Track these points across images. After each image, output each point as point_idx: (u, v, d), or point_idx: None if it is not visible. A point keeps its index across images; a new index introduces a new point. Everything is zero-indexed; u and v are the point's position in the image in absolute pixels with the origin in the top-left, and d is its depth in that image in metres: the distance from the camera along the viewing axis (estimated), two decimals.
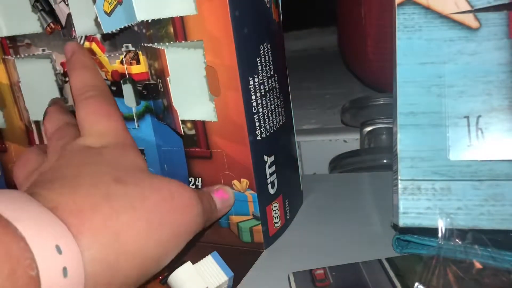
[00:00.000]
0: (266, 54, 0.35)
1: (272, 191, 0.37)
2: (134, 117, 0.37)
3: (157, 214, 0.27)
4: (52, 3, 0.37)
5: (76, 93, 0.34)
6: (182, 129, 0.36)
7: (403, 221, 0.31)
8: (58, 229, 0.22)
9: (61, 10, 0.37)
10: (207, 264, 0.30)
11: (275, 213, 0.37)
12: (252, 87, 0.33)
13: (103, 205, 0.25)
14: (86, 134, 0.32)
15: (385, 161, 0.53)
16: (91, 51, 0.37)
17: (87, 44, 0.37)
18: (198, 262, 0.30)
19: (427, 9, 0.30)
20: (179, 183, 0.30)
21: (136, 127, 0.37)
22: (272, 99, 0.36)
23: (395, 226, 0.32)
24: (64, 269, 0.21)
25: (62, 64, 0.39)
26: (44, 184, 0.26)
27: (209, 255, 0.31)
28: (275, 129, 0.36)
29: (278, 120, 0.37)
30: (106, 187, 0.26)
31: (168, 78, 0.35)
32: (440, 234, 0.30)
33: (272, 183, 0.37)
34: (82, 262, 0.23)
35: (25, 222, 0.21)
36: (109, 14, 0.34)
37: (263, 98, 0.35)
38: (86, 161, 0.29)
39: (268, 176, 0.36)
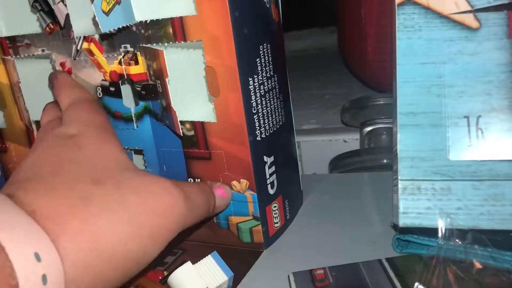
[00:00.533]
0: (266, 54, 0.35)
1: (271, 192, 0.37)
2: (133, 118, 0.37)
3: (136, 217, 0.27)
4: (51, 4, 0.37)
5: (64, 107, 0.35)
6: (181, 130, 0.36)
7: (403, 221, 0.31)
8: (37, 236, 0.22)
9: (60, 11, 0.37)
10: (207, 264, 0.30)
11: (274, 213, 0.37)
12: (252, 87, 0.33)
13: (81, 209, 0.25)
14: (68, 122, 0.32)
15: (385, 161, 0.53)
16: (90, 52, 0.37)
17: (85, 44, 0.37)
18: (198, 262, 0.30)
19: (427, 9, 0.30)
20: (162, 183, 0.29)
21: (135, 127, 0.37)
22: (272, 99, 0.36)
23: (395, 226, 0.32)
24: (44, 276, 0.21)
25: (61, 64, 0.39)
26: (22, 184, 0.26)
27: (209, 255, 0.31)
28: (274, 129, 0.36)
29: (278, 120, 0.37)
30: (84, 189, 0.26)
31: (166, 79, 0.34)
32: (440, 234, 0.30)
33: (272, 183, 0.37)
34: (62, 267, 0.23)
35: (5, 230, 0.21)
36: (107, 13, 0.34)
37: (263, 98, 0.35)
38: (64, 156, 0.29)
39: (267, 176, 0.36)
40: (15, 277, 0.20)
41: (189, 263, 0.30)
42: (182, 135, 0.36)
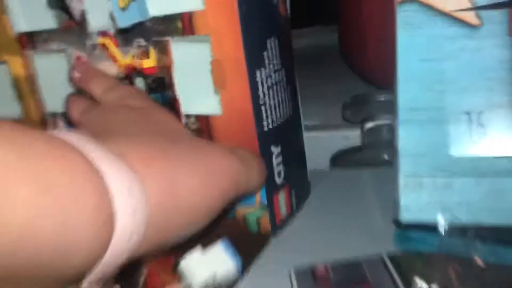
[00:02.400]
0: (273, 48, 0.35)
1: (278, 181, 0.37)
2: None
3: (207, 174, 0.28)
4: (67, 0, 0.38)
5: (98, 96, 0.36)
6: (184, 122, 0.36)
7: (404, 217, 0.31)
8: (129, 172, 0.23)
9: (75, 7, 0.38)
10: (216, 252, 0.31)
11: (281, 203, 0.38)
12: (259, 80, 0.34)
13: (161, 157, 0.26)
14: (122, 97, 0.34)
15: (386, 157, 0.53)
16: (105, 46, 0.38)
17: (101, 39, 0.38)
18: (208, 249, 0.31)
19: (428, 6, 0.30)
20: (223, 149, 0.31)
21: None
22: (279, 92, 0.36)
23: (396, 222, 0.32)
24: (134, 210, 0.22)
25: (77, 58, 0.40)
26: (104, 134, 0.27)
27: (219, 243, 0.31)
28: (282, 120, 0.37)
29: (285, 112, 0.37)
30: (161, 144, 0.28)
31: (173, 71, 0.35)
32: (441, 230, 0.30)
33: (279, 172, 0.37)
34: (146, 205, 0.23)
35: (104, 162, 0.22)
36: (123, 9, 0.35)
37: (270, 90, 0.35)
38: (138, 119, 0.31)
39: (275, 165, 0.36)
40: (113, 206, 0.21)
41: (198, 250, 0.30)
42: (187, 128, 0.37)
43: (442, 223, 0.30)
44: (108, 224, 0.21)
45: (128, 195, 0.22)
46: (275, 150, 0.36)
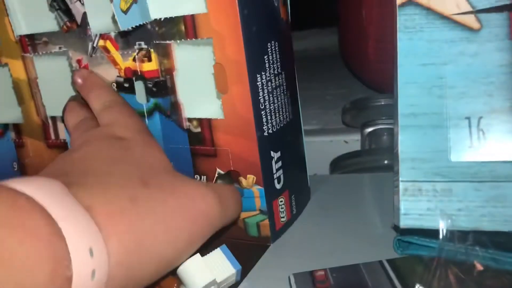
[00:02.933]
0: (274, 52, 0.35)
1: (278, 186, 0.37)
2: (145, 114, 0.38)
3: (175, 220, 0.28)
4: (68, 3, 0.38)
5: (96, 110, 0.36)
6: (187, 126, 0.37)
7: (404, 222, 0.31)
8: (92, 231, 0.23)
9: (76, 9, 0.38)
10: (215, 257, 0.31)
11: (281, 208, 0.38)
12: (259, 84, 0.34)
13: (130, 209, 0.26)
14: (112, 125, 0.33)
15: (386, 162, 0.53)
16: (105, 49, 0.38)
17: (101, 42, 0.38)
18: (207, 254, 0.31)
19: (428, 10, 0.30)
20: (199, 188, 0.30)
21: (146, 123, 0.38)
22: (279, 96, 0.36)
23: (396, 227, 0.32)
24: (93, 271, 0.22)
25: (78, 61, 0.40)
26: (76, 178, 0.27)
27: (218, 248, 0.31)
28: (282, 125, 0.37)
29: (285, 117, 0.37)
30: (133, 190, 0.27)
31: (174, 73, 0.35)
32: (441, 236, 0.30)
33: (279, 178, 0.37)
34: (108, 265, 0.23)
35: (67, 222, 0.22)
36: (125, 12, 0.35)
37: (270, 95, 0.35)
38: (114, 155, 0.30)
39: (274, 171, 0.36)
40: (71, 269, 0.21)
41: (198, 255, 0.30)
42: (188, 131, 0.37)
43: (441, 228, 0.30)
44: (64, 287, 0.21)
45: (88, 256, 0.22)
46: (275, 155, 0.36)
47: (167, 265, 0.28)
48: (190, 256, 0.30)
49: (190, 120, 0.36)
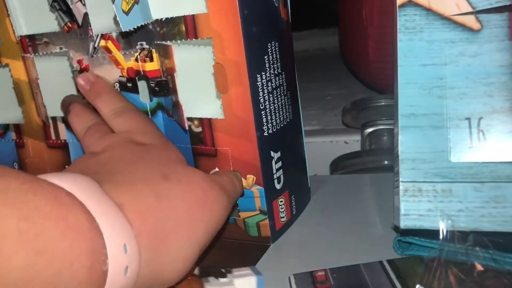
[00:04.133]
0: (274, 52, 0.35)
1: (278, 186, 0.37)
2: (148, 113, 0.38)
3: (194, 213, 0.29)
4: (69, 3, 0.38)
5: (106, 116, 0.36)
6: (187, 125, 0.37)
7: (404, 223, 0.31)
8: (126, 228, 0.24)
9: (77, 10, 0.38)
10: (247, 283, 0.31)
11: (281, 208, 0.38)
12: (260, 84, 0.34)
13: (156, 207, 0.27)
14: (129, 131, 0.34)
15: (386, 162, 0.53)
16: (107, 49, 0.38)
17: (103, 42, 0.38)
18: (237, 276, 0.31)
19: (428, 10, 0.30)
20: (207, 179, 0.31)
21: None
22: (279, 96, 0.36)
23: (396, 228, 0.32)
24: (126, 268, 0.23)
25: (78, 61, 0.40)
26: (106, 176, 0.27)
27: (251, 275, 0.31)
28: (282, 125, 0.37)
29: (285, 117, 0.37)
30: (156, 185, 0.28)
31: (175, 74, 0.35)
32: (441, 236, 0.30)
33: (278, 178, 0.37)
34: (139, 262, 0.24)
35: (104, 218, 0.22)
36: (127, 13, 0.35)
37: (271, 95, 0.35)
38: (136, 156, 0.31)
39: (274, 171, 0.36)
40: (107, 264, 0.22)
41: (228, 276, 0.30)
42: (190, 131, 0.37)
43: (442, 228, 0.30)
44: (100, 281, 0.22)
45: (122, 252, 0.23)
46: (275, 155, 0.36)
47: (189, 262, 0.28)
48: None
49: (191, 119, 0.36)
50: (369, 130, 0.61)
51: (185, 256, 0.28)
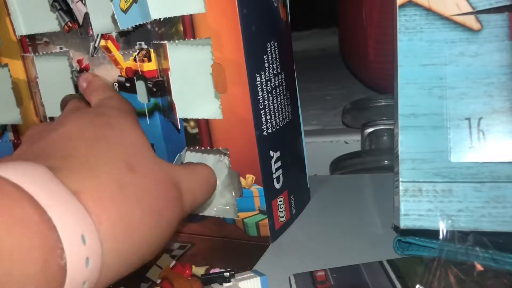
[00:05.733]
0: (273, 52, 0.35)
1: (277, 186, 0.37)
2: (146, 114, 0.38)
3: (158, 205, 0.28)
4: (70, 3, 0.38)
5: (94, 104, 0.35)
6: (182, 126, 0.37)
7: (404, 223, 0.31)
8: (83, 218, 0.23)
9: (78, 9, 0.38)
10: (251, 286, 0.31)
11: (280, 208, 0.38)
12: (259, 83, 0.34)
13: (119, 196, 0.26)
14: (97, 105, 0.33)
15: (386, 162, 0.53)
16: (107, 49, 0.38)
17: (103, 42, 0.38)
18: (245, 279, 0.31)
19: (428, 10, 0.30)
20: (171, 177, 0.30)
21: (147, 123, 0.38)
22: (278, 96, 0.36)
23: (396, 228, 0.32)
24: (87, 259, 0.22)
25: (78, 61, 0.40)
26: (60, 161, 0.26)
27: (256, 277, 0.31)
28: (281, 125, 0.37)
29: (284, 117, 0.37)
30: (120, 176, 0.27)
31: (169, 74, 0.35)
32: (441, 236, 0.30)
33: (278, 178, 0.37)
34: (101, 252, 0.23)
35: (57, 209, 0.21)
36: (125, 11, 0.35)
37: (270, 95, 0.35)
38: (97, 134, 0.29)
39: (273, 171, 0.36)
40: (64, 258, 0.21)
41: (232, 280, 0.30)
42: (185, 132, 0.37)
43: (442, 229, 0.30)
44: (58, 277, 0.20)
45: (80, 244, 0.22)
46: (274, 154, 0.36)
47: (153, 251, 0.28)
48: None
49: (186, 120, 0.36)
50: (369, 130, 0.61)
51: (149, 245, 0.27)
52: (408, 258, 0.32)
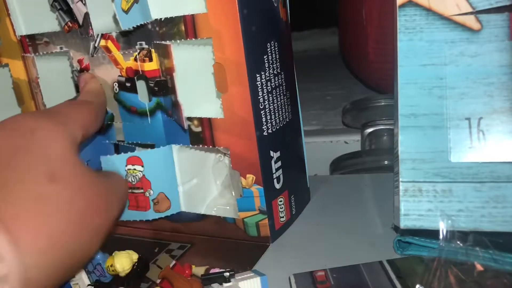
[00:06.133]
0: (273, 52, 0.35)
1: (277, 186, 0.37)
2: (148, 113, 0.38)
3: (84, 217, 0.28)
4: (70, 3, 0.38)
5: None
6: (187, 125, 0.37)
7: (404, 223, 0.31)
8: (0, 238, 0.23)
9: (78, 9, 0.38)
10: (252, 286, 0.31)
11: (280, 208, 0.38)
12: (259, 83, 0.34)
13: (37, 209, 0.25)
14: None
15: (386, 162, 0.53)
16: (107, 49, 0.38)
17: (103, 42, 0.38)
18: (245, 279, 0.31)
19: (428, 10, 0.30)
20: (97, 179, 0.30)
21: (149, 122, 0.38)
22: (278, 96, 0.36)
23: (396, 228, 0.32)
24: (6, 276, 0.22)
25: (78, 61, 0.40)
26: None
27: (256, 277, 0.31)
28: (281, 125, 0.37)
29: (284, 117, 0.37)
30: (38, 187, 0.26)
31: (174, 74, 0.36)
32: (441, 236, 0.30)
33: (278, 178, 0.37)
34: (23, 267, 0.23)
35: None
36: (126, 11, 0.35)
37: (270, 95, 0.35)
38: (17, 143, 0.27)
39: (273, 171, 0.36)
40: None
41: (232, 279, 0.30)
42: (189, 131, 0.37)
43: (442, 228, 0.30)
44: None
45: None
46: (274, 154, 0.36)
47: (81, 261, 0.28)
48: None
49: (190, 119, 0.37)
50: (369, 130, 0.61)
51: (74, 256, 0.27)
52: (408, 258, 0.32)
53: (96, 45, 0.38)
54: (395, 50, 0.31)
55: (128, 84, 0.38)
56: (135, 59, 0.37)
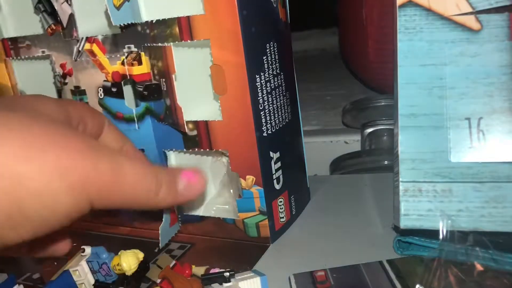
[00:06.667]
0: (273, 53, 0.35)
1: (277, 187, 0.37)
2: (135, 119, 0.37)
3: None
4: (54, 3, 0.37)
5: None
6: (188, 129, 0.36)
7: (404, 223, 0.31)
8: None
9: (63, 10, 0.37)
10: (252, 286, 0.31)
11: (280, 208, 0.38)
12: (258, 84, 0.34)
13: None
14: None
15: (386, 162, 0.53)
16: (92, 53, 0.37)
17: (87, 45, 0.37)
18: (245, 279, 0.31)
19: (428, 10, 0.30)
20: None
21: (137, 128, 0.38)
22: (278, 97, 0.36)
23: (396, 228, 0.32)
24: None
25: (61, 65, 0.39)
26: None
27: (256, 277, 0.31)
28: (280, 126, 0.37)
29: (284, 117, 0.37)
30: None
31: (173, 76, 0.35)
32: (441, 236, 0.30)
33: (278, 178, 0.37)
34: None
35: None
36: (118, 8, 0.34)
37: (269, 95, 0.35)
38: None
39: (273, 171, 0.36)
40: None
41: (231, 280, 0.30)
42: (183, 134, 0.36)
43: (441, 228, 0.30)
44: None
45: None
46: (274, 155, 0.36)
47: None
48: None
49: (186, 123, 0.36)
50: (369, 130, 0.61)
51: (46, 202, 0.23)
52: (408, 258, 0.32)
53: (80, 48, 0.37)
54: (395, 50, 0.31)
55: (114, 89, 0.37)
56: (122, 63, 0.36)
